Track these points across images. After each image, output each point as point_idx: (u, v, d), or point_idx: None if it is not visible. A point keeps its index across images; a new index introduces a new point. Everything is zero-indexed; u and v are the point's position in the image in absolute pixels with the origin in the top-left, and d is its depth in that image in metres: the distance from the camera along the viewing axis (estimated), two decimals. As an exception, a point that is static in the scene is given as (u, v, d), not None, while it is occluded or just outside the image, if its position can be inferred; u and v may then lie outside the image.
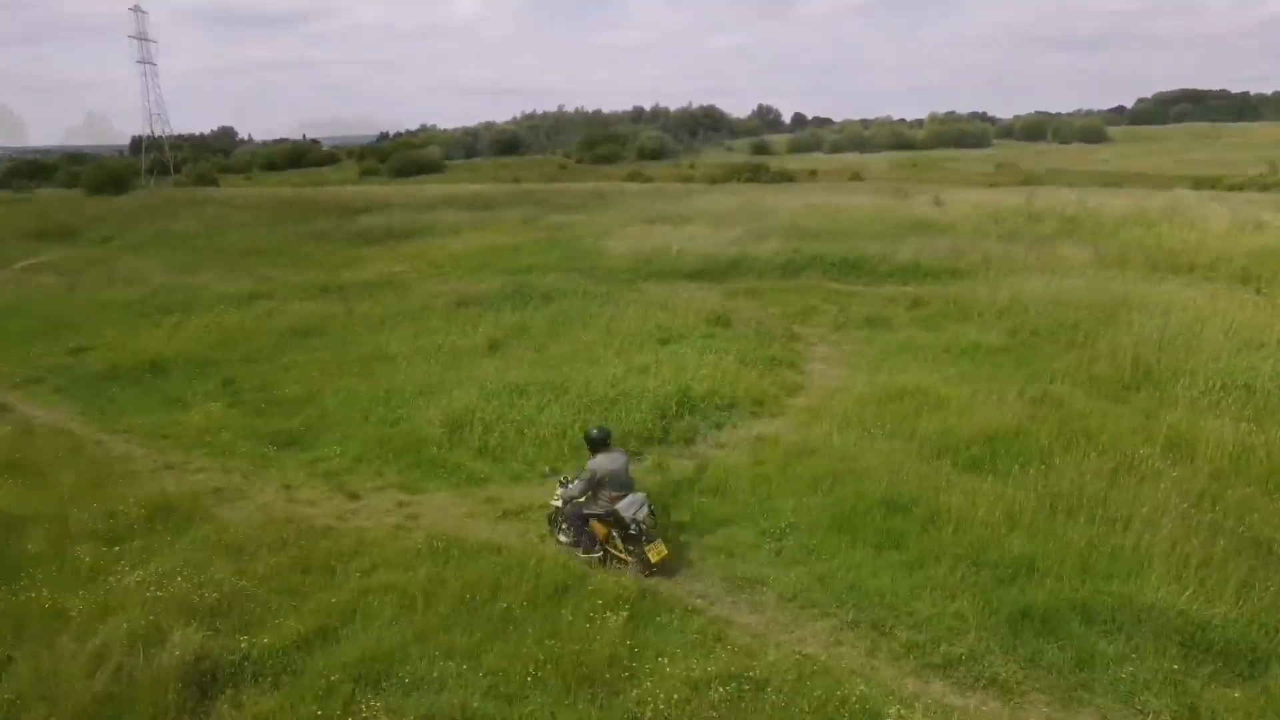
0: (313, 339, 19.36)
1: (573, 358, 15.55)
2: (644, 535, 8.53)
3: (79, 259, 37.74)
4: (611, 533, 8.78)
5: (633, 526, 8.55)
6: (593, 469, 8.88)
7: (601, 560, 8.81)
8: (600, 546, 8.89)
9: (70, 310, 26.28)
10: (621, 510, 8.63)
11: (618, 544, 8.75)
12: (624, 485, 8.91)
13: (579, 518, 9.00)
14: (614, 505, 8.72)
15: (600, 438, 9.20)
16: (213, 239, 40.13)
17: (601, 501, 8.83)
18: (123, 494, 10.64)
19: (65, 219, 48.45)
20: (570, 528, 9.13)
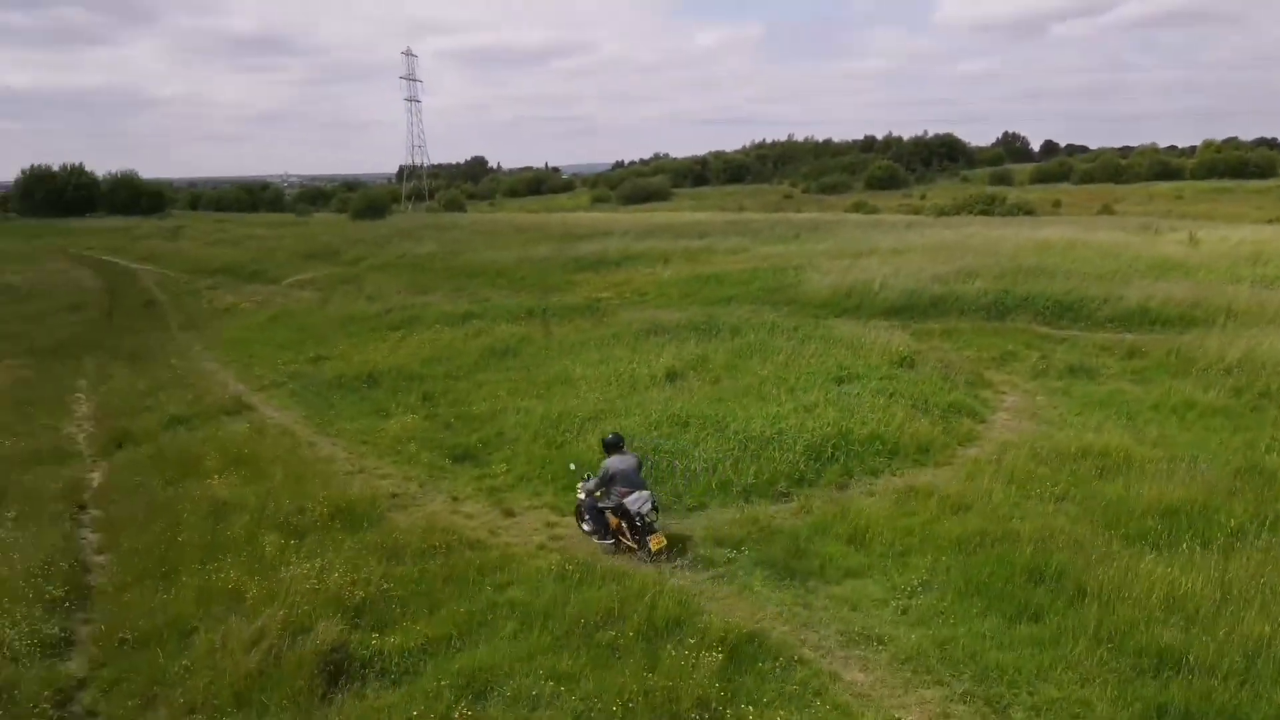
0: (509, 359, 20.61)
1: (743, 392, 15.57)
2: (647, 527, 9.86)
3: (334, 277, 42.33)
4: (621, 524, 10.10)
5: (638, 519, 9.88)
6: (606, 468, 10.17)
7: (614, 546, 10.19)
8: (613, 535, 10.24)
9: (319, 323, 29.56)
10: (629, 504, 9.95)
11: (626, 533, 10.09)
12: (633, 484, 10.09)
13: (597, 510, 10.32)
14: (623, 500, 10.01)
15: (614, 442, 10.55)
16: (448, 261, 43.64)
17: (614, 496, 10.09)
18: (315, 492, 11.90)
19: (329, 241, 54.46)
20: (590, 519, 10.45)
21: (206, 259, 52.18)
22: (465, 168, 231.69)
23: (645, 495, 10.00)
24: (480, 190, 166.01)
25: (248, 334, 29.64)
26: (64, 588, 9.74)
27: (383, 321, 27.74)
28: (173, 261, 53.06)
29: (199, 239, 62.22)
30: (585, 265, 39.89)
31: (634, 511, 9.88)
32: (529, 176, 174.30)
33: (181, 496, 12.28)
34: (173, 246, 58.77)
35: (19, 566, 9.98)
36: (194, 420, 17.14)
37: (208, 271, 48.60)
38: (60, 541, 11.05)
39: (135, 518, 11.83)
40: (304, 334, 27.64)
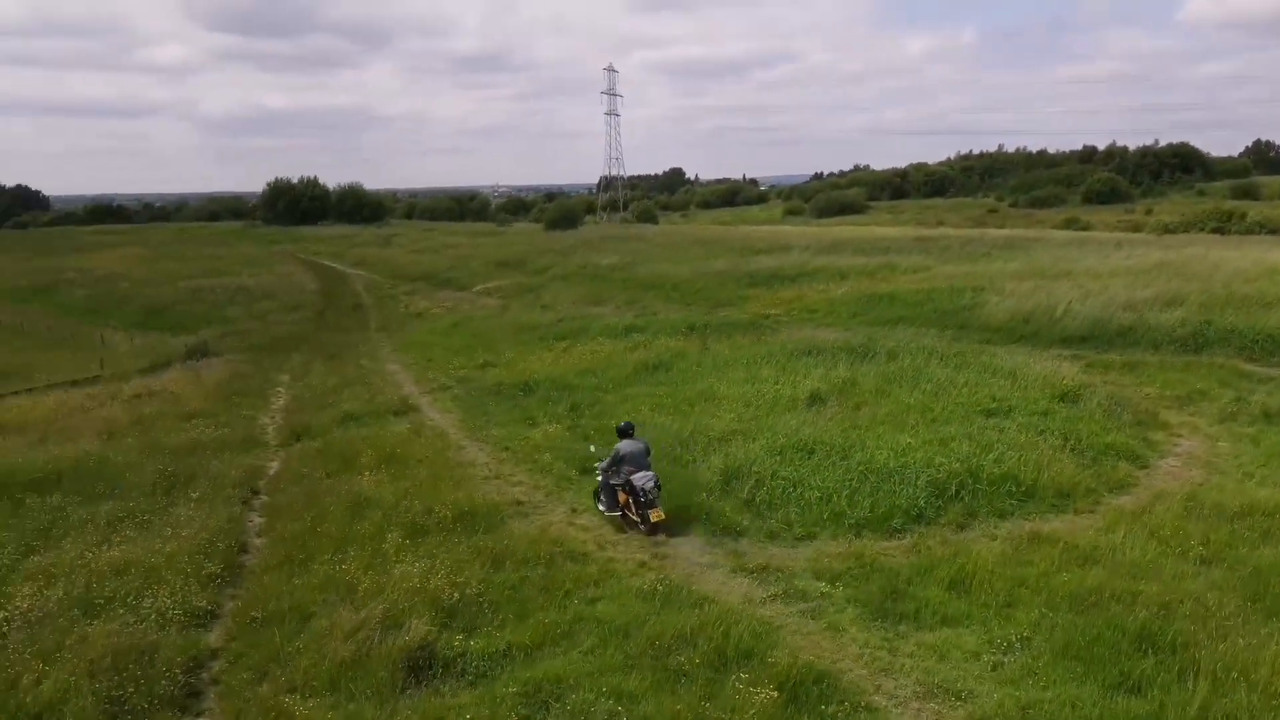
0: (660, 374, 20.94)
1: (881, 420, 15.08)
2: (649, 502, 11.29)
3: (518, 286, 44.52)
4: (629, 499, 11.60)
5: (642, 495, 11.34)
6: (618, 450, 11.92)
7: (622, 519, 11.77)
8: (621, 509, 11.76)
9: (494, 330, 31.23)
10: (635, 481, 11.46)
11: (632, 508, 11.57)
12: (640, 465, 11.67)
13: (609, 487, 11.90)
14: (630, 478, 11.53)
15: (625, 429, 12.44)
16: (627, 273, 44.79)
17: (623, 474, 11.68)
18: (446, 495, 12.68)
19: (520, 250, 57.27)
20: (604, 494, 12.02)
21: (410, 265, 56.30)
22: (663, 179, 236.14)
23: (649, 475, 11.50)
24: (675, 201, 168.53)
25: (431, 338, 31.75)
26: (220, 565, 10.94)
27: (551, 331, 28.91)
28: (381, 267, 57.63)
29: (406, 246, 67.18)
30: (759, 280, 39.75)
31: (639, 487, 11.37)
32: (723, 188, 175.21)
33: (333, 489, 13.43)
34: (383, 253, 63.82)
35: (187, 543, 11.30)
36: (364, 418, 18.61)
37: (409, 277, 52.44)
38: (226, 523, 12.37)
39: (293, 506, 13.06)
40: (479, 340, 29.28)
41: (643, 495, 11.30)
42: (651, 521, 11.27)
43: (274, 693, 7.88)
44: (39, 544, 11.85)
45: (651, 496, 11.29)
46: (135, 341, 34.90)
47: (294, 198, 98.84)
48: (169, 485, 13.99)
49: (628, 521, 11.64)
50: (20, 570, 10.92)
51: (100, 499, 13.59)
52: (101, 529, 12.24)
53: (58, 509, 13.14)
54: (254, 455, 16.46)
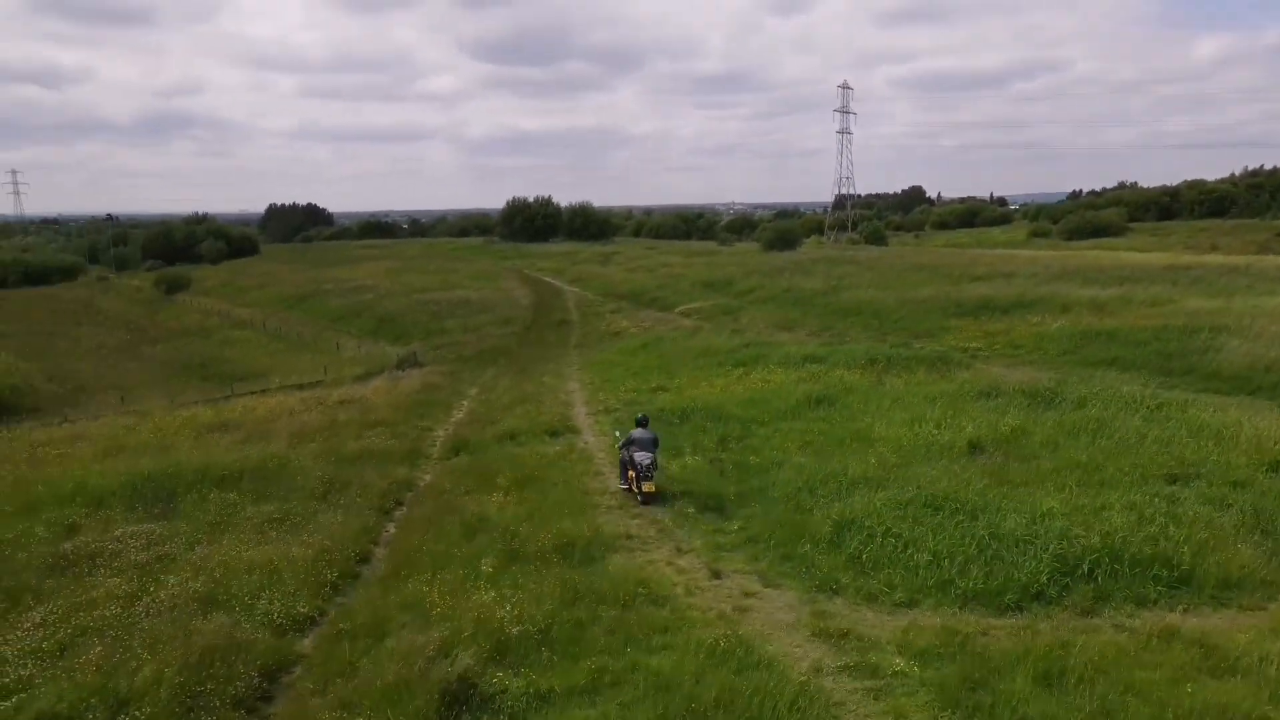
0: (822, 409, 20.17)
1: (1034, 479, 13.64)
2: (645, 477, 14.21)
3: (718, 308, 44.60)
4: (633, 474, 14.48)
5: (640, 470, 14.25)
6: (630, 435, 14.92)
7: (626, 490, 14.78)
8: (627, 481, 14.72)
9: (679, 353, 31.43)
10: (636, 458, 14.40)
11: (635, 481, 14.42)
12: (644, 448, 14.50)
13: (622, 465, 14.96)
14: (633, 455, 14.45)
15: (642, 421, 15.47)
16: (829, 298, 43.66)
17: (630, 453, 14.57)
18: (560, 522, 12.87)
19: (731, 271, 57.36)
20: (621, 472, 15.04)
21: (622, 283, 58.00)
22: (900, 198, 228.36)
23: (648, 455, 14.40)
24: (908, 222, 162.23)
25: (618, 357, 32.51)
26: (338, 573, 11.75)
27: (732, 357, 28.68)
28: (596, 284, 59.79)
29: (624, 264, 69.25)
30: (967, 310, 37.36)
31: (638, 463, 14.34)
32: (962, 208, 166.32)
33: (461, 507, 14.05)
34: (601, 270, 66.18)
35: (315, 549, 12.24)
36: (523, 436, 19.34)
37: (619, 295, 54.04)
38: (359, 532, 13.29)
39: (422, 520, 13.81)
40: (661, 362, 29.61)
41: (639, 469, 14.33)
42: (644, 491, 14.27)
43: (326, 706, 8.34)
44: (204, 537, 13.29)
45: (647, 472, 14.27)
46: (362, 349, 38.44)
47: (529, 216, 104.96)
48: (325, 491, 15.24)
49: (630, 494, 14.64)
50: (181, 560, 12.29)
51: (268, 499, 15.05)
52: (258, 527, 13.54)
53: (232, 505, 14.69)
54: (412, 467, 17.58)
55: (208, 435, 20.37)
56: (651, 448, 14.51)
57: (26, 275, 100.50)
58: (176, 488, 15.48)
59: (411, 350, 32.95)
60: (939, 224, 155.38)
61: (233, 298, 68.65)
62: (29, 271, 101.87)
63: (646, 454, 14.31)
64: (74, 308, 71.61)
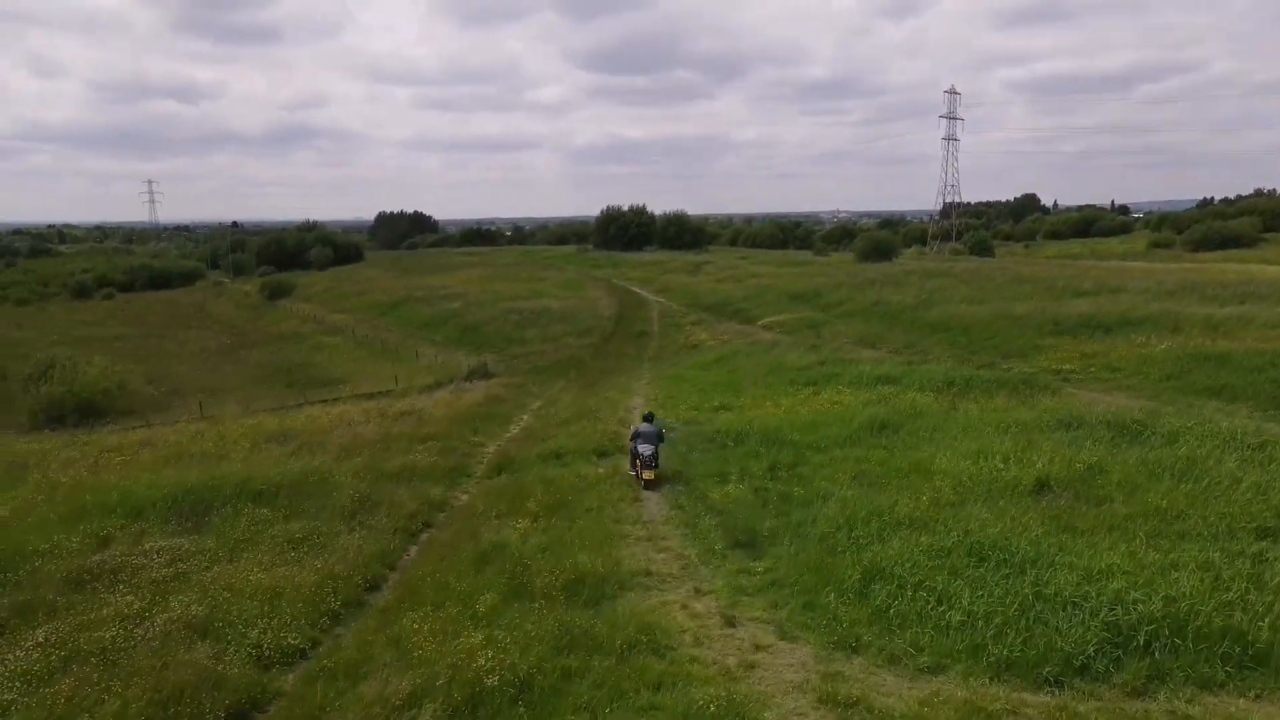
0: (885, 436, 19.00)
1: (1102, 527, 12.28)
2: (646, 465, 16.30)
3: (801, 321, 43.30)
4: (636, 461, 16.44)
5: (643, 460, 16.30)
6: (636, 429, 17.05)
7: (635, 477, 16.50)
8: (635, 468, 16.52)
9: (751, 369, 30.48)
10: (638, 448, 16.43)
11: (638, 468, 16.37)
12: (648, 440, 16.50)
13: (631, 453, 16.82)
14: (637, 445, 16.51)
15: (648, 418, 17.78)
16: (917, 313, 41.82)
17: (636, 446, 16.55)
18: (579, 555, 12.23)
19: (820, 283, 55.82)
20: (630, 460, 16.82)
21: (708, 294, 57.17)
22: (1013, 206, 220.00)
23: (650, 447, 16.48)
24: (1019, 231, 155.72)
25: (689, 372, 31.76)
26: (341, 601, 11.43)
27: (804, 375, 27.58)
28: (682, 294, 59.13)
29: (713, 275, 68.35)
30: (1066, 328, 35.06)
31: (640, 453, 16.45)
32: (1077, 217, 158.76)
33: (481, 533, 13.60)
34: (689, 281, 65.47)
35: (326, 573, 11.96)
36: (569, 456, 18.84)
37: (703, 306, 53.24)
38: (378, 556, 12.99)
39: (443, 545, 13.42)
40: (730, 379, 28.73)
41: (642, 459, 16.48)
42: (644, 478, 16.39)
43: (282, 752, 7.93)
44: (226, 555, 13.22)
45: (648, 462, 16.50)
46: (439, 358, 38.82)
47: (623, 224, 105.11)
48: (355, 510, 15.05)
49: (636, 479, 16.57)
50: (195, 580, 12.22)
51: (299, 515, 14.95)
52: (281, 546, 13.40)
53: (263, 522, 14.63)
54: (451, 486, 17.31)
55: (264, 445, 20.62)
56: (654, 440, 16.76)
57: (152, 280, 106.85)
58: (215, 500, 15.56)
59: (482, 361, 32.98)
60: (1052, 233, 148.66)
61: (331, 303, 70.86)
62: (154, 276, 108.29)
63: (648, 445, 16.66)
64: (188, 311, 75.38)
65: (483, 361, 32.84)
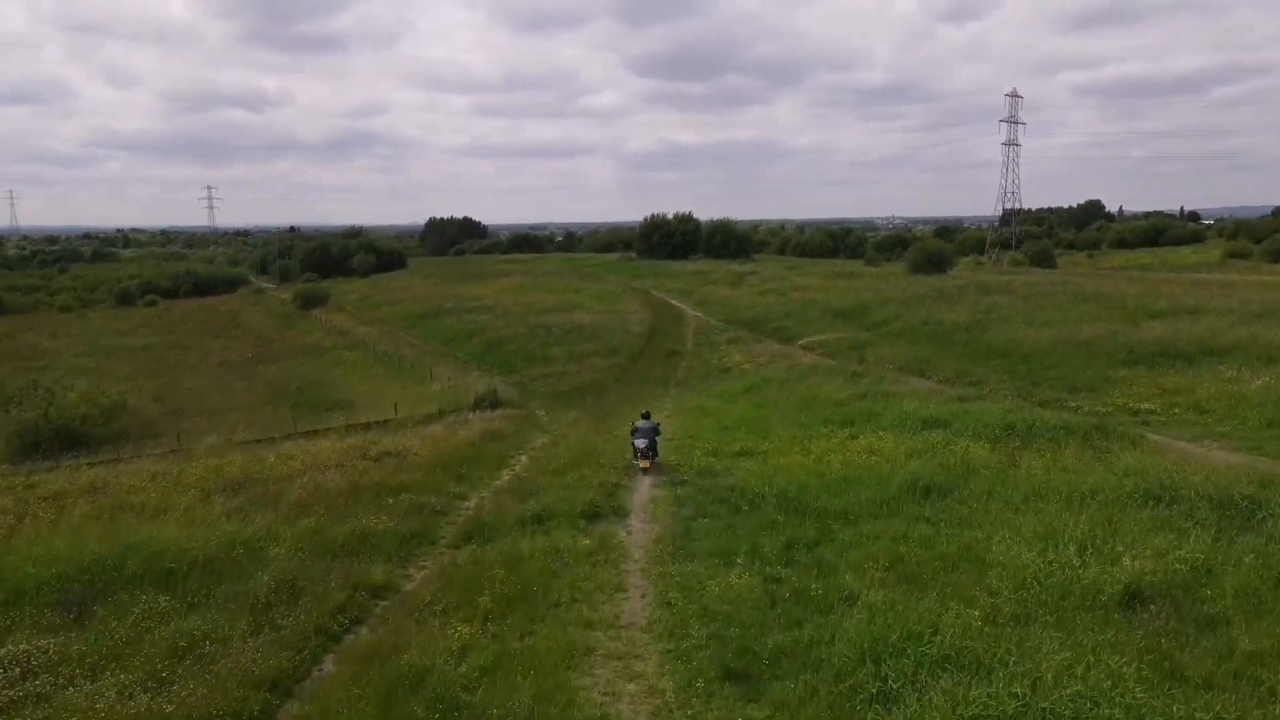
0: (929, 502, 15.86)
1: (1222, 676, 9.06)
2: (641, 456, 19.25)
3: (845, 342, 39.96)
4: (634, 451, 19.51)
5: (639, 450, 19.31)
6: (635, 424, 20.11)
7: (636, 462, 19.39)
8: (636, 456, 19.41)
9: (783, 400, 27.37)
10: (635, 440, 19.53)
11: (636, 458, 19.37)
12: (645, 436, 19.38)
13: (631, 445, 19.78)
14: (634, 439, 19.55)
15: (645, 415, 20.81)
16: (972, 335, 38.21)
17: (634, 440, 19.60)
18: (514, 692, 9.44)
19: (868, 298, 52.22)
20: (632, 451, 19.67)
21: (748, 308, 53.95)
22: (1076, 212, 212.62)
23: (645, 440, 19.12)
24: (1082, 240, 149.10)
25: (716, 404, 28.75)
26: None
27: (840, 411, 24.41)
28: (721, 308, 56.00)
29: (756, 286, 65.05)
30: (1141, 356, 31.29)
31: (636, 445, 19.27)
32: (1145, 225, 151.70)
33: (413, 644, 10.83)
34: (730, 293, 62.24)
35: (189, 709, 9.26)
36: (551, 520, 16.00)
37: (742, 321, 50.06)
38: (271, 677, 10.25)
39: (356, 664, 10.65)
40: (759, 414, 25.71)
41: (638, 451, 19.12)
42: (641, 467, 18.98)
43: None
44: (92, 667, 10.62)
45: (643, 453, 19.06)
46: (452, 380, 36.32)
47: (667, 232, 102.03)
48: (270, 601, 12.36)
49: (636, 467, 19.13)
50: (35, 711, 9.62)
51: (204, 606, 12.34)
52: (163, 655, 10.77)
53: (156, 616, 12.01)
54: (403, 562, 14.57)
55: (214, 496, 18.13)
56: (650, 435, 19.46)
57: (197, 286, 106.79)
58: (113, 582, 13.00)
59: (492, 388, 30.33)
60: (1118, 242, 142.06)
61: (363, 313, 69.17)
62: (199, 283, 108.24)
63: (644, 439, 19.36)
64: (222, 320, 74.38)
65: (492, 388, 30.16)
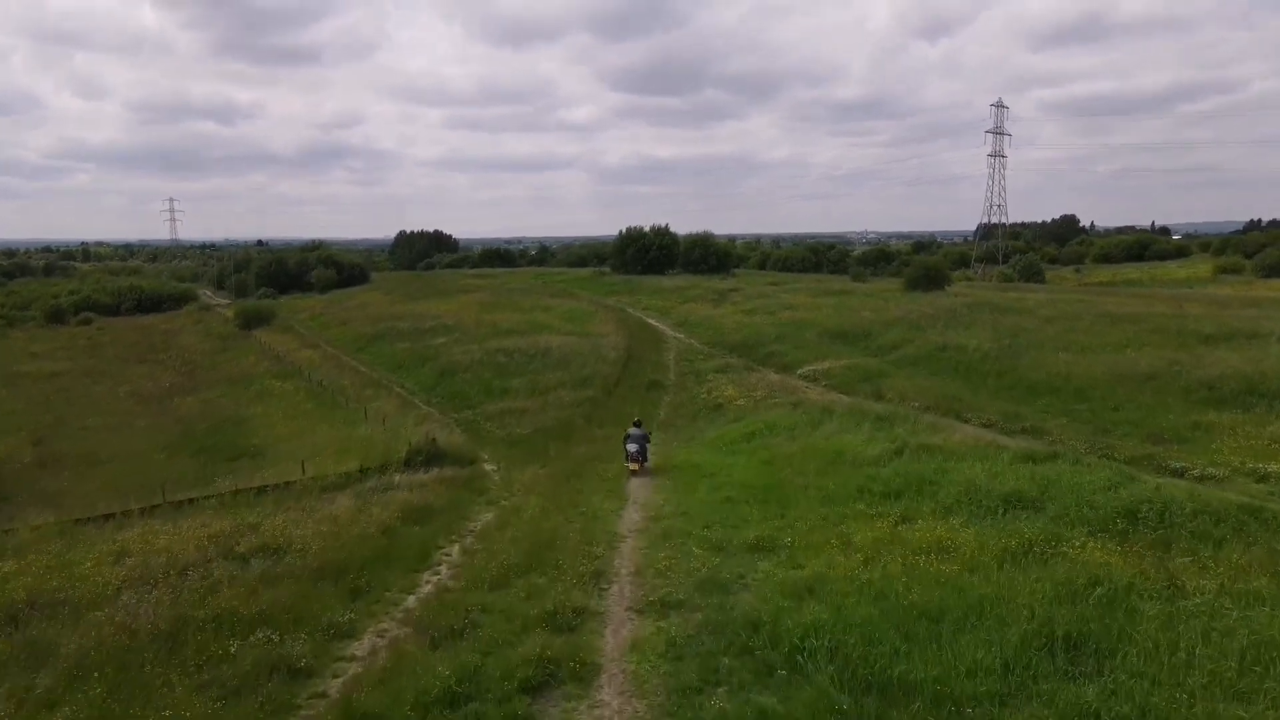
0: (1079, 664, 10.01)
1: None
2: (633, 459, 21.82)
3: (852, 371, 34.22)
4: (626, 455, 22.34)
5: (629, 454, 21.96)
6: (629, 432, 22.47)
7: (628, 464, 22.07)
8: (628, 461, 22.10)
9: (796, 456, 21.51)
10: (627, 445, 22.13)
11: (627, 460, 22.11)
12: (635, 442, 21.99)
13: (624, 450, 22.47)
14: (626, 444, 22.22)
15: (637, 423, 23.18)
16: (1002, 363, 32.65)
17: (626, 444, 22.26)
18: None
19: (866, 319, 46.68)
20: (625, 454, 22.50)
21: (734, 330, 48.18)
22: (1051, 228, 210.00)
23: (636, 446, 21.98)
24: (1065, 254, 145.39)
25: (710, 457, 22.81)
26: None
27: (877, 478, 18.56)
28: (704, 330, 50.18)
29: (740, 304, 59.33)
30: (1224, 394, 25.89)
31: (627, 449, 22.13)
32: (1129, 239, 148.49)
33: None
34: (712, 313, 56.44)
35: None
36: (474, 700, 9.92)
37: (729, 345, 44.29)
38: None
39: None
40: (768, 476, 19.81)
41: (629, 454, 22.05)
42: (631, 469, 21.72)
43: None
44: None
45: (634, 456, 21.91)
46: (387, 423, 30.08)
47: (644, 246, 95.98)
48: None
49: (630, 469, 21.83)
50: None
51: None
52: None
53: None
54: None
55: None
56: (641, 441, 22.11)
57: (139, 303, 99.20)
58: None
59: (430, 437, 24.08)
60: (1101, 257, 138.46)
61: (312, 334, 62.70)
62: (142, 299, 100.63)
63: (635, 444, 21.95)
64: (155, 341, 67.53)
65: (431, 438, 23.91)
